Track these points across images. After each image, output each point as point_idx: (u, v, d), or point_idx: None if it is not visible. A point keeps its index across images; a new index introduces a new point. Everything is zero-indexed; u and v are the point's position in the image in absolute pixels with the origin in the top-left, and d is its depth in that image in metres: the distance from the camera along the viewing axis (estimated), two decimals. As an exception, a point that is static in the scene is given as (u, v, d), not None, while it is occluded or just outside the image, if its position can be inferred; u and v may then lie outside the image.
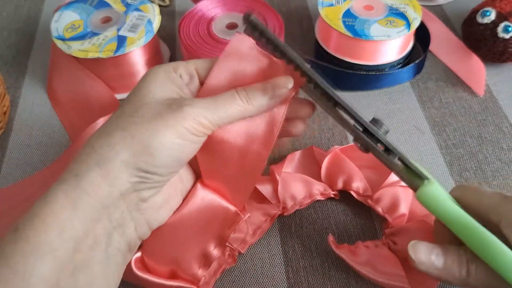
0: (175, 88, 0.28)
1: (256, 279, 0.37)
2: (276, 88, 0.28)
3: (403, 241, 0.36)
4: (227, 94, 0.28)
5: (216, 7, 0.49)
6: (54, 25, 0.48)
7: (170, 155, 0.26)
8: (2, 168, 0.44)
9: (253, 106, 0.28)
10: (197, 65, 0.29)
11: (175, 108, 0.26)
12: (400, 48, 0.49)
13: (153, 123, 0.25)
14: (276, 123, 0.29)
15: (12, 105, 0.50)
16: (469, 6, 0.56)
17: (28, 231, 0.23)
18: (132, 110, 0.27)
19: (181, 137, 0.26)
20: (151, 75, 0.28)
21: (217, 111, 0.27)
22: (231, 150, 0.29)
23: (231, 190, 0.31)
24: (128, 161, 0.25)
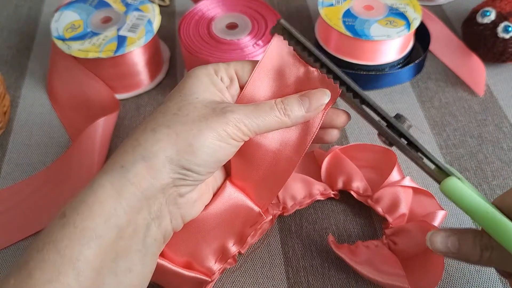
0: (217, 91, 0.29)
1: (256, 279, 0.37)
2: (313, 102, 0.29)
3: (403, 241, 0.36)
4: (266, 104, 0.29)
5: (216, 7, 0.49)
6: (54, 25, 0.48)
7: (211, 156, 0.27)
8: (2, 168, 0.44)
9: (289, 118, 0.29)
10: (237, 67, 0.30)
11: (219, 112, 0.27)
12: (400, 48, 0.49)
13: (198, 123, 0.27)
14: (310, 132, 0.30)
15: (12, 105, 0.50)
16: (469, 6, 0.56)
17: (76, 217, 0.25)
18: (176, 108, 0.28)
19: (222, 140, 0.27)
20: (194, 76, 0.29)
21: (256, 120, 0.28)
22: (265, 154, 0.30)
23: (258, 191, 0.32)
24: (172, 158, 0.26)
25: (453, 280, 0.37)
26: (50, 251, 0.24)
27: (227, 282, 0.37)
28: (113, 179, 0.26)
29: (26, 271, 0.24)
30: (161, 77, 0.52)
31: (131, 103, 0.50)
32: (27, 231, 0.40)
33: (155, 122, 0.27)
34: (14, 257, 0.38)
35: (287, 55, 0.30)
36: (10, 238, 0.39)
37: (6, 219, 0.40)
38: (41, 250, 0.24)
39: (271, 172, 0.31)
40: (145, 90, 0.51)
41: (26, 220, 0.40)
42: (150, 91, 0.51)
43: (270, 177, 0.31)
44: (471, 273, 0.37)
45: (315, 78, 0.30)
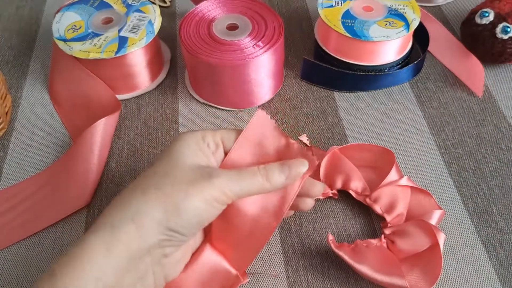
0: (203, 157, 0.30)
1: (256, 278, 0.37)
2: (292, 170, 0.31)
3: (402, 240, 0.36)
4: (249, 170, 0.30)
5: (217, 8, 0.49)
6: (56, 26, 0.48)
7: (196, 218, 0.28)
8: (3, 168, 0.45)
9: (270, 184, 0.30)
10: (223, 135, 0.32)
11: (205, 176, 0.28)
12: (399, 49, 0.49)
13: (185, 186, 0.28)
14: (288, 199, 0.31)
15: (14, 106, 0.50)
16: (467, 7, 0.57)
17: (66, 277, 0.25)
18: (165, 171, 0.29)
19: (207, 203, 0.28)
20: (182, 141, 0.30)
21: (239, 185, 0.29)
22: (244, 218, 0.31)
23: (236, 254, 0.33)
24: (161, 219, 0.27)
25: (451, 279, 0.37)
26: None
27: (227, 281, 0.37)
28: (103, 238, 0.26)
29: None
30: (162, 77, 0.53)
31: (132, 104, 0.50)
32: (28, 230, 0.40)
33: (144, 183, 0.28)
34: (16, 256, 0.38)
35: (269, 127, 0.32)
36: (12, 238, 0.39)
37: (7, 219, 0.41)
38: None
39: (250, 236, 0.32)
40: (146, 90, 0.51)
41: (28, 220, 0.41)
42: (151, 91, 0.51)
43: (249, 241, 0.32)
44: (469, 272, 0.37)
45: (295, 150, 0.32)
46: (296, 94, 0.51)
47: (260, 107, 0.49)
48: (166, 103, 0.50)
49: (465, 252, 0.38)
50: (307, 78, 0.52)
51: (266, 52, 0.45)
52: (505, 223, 0.40)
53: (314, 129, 0.47)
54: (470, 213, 0.41)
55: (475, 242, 0.39)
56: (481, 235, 0.39)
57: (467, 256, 0.38)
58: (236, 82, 0.46)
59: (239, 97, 0.48)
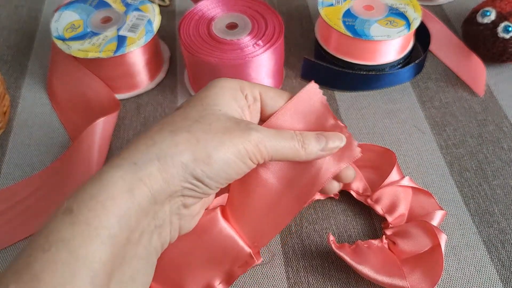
0: (238, 109, 0.28)
1: (256, 279, 0.37)
2: (329, 142, 0.29)
3: (403, 241, 0.36)
4: (287, 132, 0.28)
5: (216, 7, 0.49)
6: (54, 25, 0.48)
7: (225, 171, 0.26)
8: (2, 168, 0.44)
9: (305, 151, 0.28)
10: (261, 90, 0.30)
11: (243, 128, 0.26)
12: (400, 48, 0.49)
13: (220, 135, 0.26)
14: (319, 182, 0.29)
15: (12, 105, 0.50)
16: (469, 6, 0.56)
17: (87, 213, 0.22)
18: (198, 116, 0.26)
19: (239, 157, 0.26)
20: (219, 88, 0.28)
21: (276, 145, 0.27)
22: (268, 190, 0.29)
23: (252, 231, 0.31)
24: (188, 165, 0.25)
25: (452, 280, 0.37)
26: (60, 250, 0.21)
27: (227, 282, 0.37)
28: (125, 176, 0.24)
29: (29, 274, 0.21)
30: (161, 77, 0.52)
31: (131, 103, 0.50)
32: (27, 231, 0.40)
33: (174, 125, 0.26)
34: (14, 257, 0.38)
35: (318, 103, 0.30)
36: (10, 239, 0.39)
37: (6, 219, 0.40)
38: (48, 249, 0.21)
39: (270, 211, 0.29)
40: (145, 90, 0.51)
41: (26, 221, 0.40)
42: (150, 91, 0.51)
43: (268, 217, 0.30)
44: (471, 273, 0.37)
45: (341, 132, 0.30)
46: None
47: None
48: (165, 103, 0.50)
49: (466, 253, 0.38)
50: (308, 78, 0.52)
51: (266, 51, 0.44)
52: (507, 224, 0.40)
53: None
54: (471, 213, 0.40)
55: (476, 243, 0.39)
56: (483, 236, 0.39)
57: (469, 257, 0.38)
58: (236, 81, 0.46)
59: (239, 97, 0.48)
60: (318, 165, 0.29)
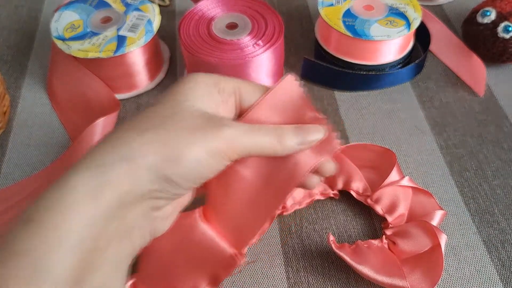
0: (212, 104, 0.27)
1: (256, 279, 0.37)
2: (307, 135, 0.28)
3: (403, 241, 0.36)
4: (262, 126, 0.27)
5: (216, 7, 0.49)
6: (54, 25, 0.48)
7: (197, 170, 0.25)
8: (1, 168, 0.44)
9: (281, 146, 0.27)
10: (238, 84, 0.29)
11: (215, 125, 0.25)
12: (400, 48, 0.49)
13: (190, 134, 0.24)
14: (297, 176, 0.28)
15: (12, 105, 0.50)
16: (469, 6, 0.56)
17: (50, 222, 0.21)
18: (170, 112, 0.25)
19: (212, 155, 0.25)
20: (193, 82, 0.27)
21: (250, 140, 0.26)
22: (247, 186, 0.28)
23: (233, 230, 0.30)
24: (156, 166, 0.23)
25: (452, 280, 0.37)
26: (22, 262, 0.20)
27: (227, 282, 0.37)
28: (88, 180, 0.22)
29: None
30: (161, 77, 0.52)
31: (131, 103, 0.50)
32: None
33: (142, 124, 0.25)
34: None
35: (296, 96, 0.29)
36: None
37: (6, 219, 0.40)
38: (9, 260, 0.20)
39: (249, 209, 0.28)
40: (145, 90, 0.51)
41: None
42: (150, 91, 0.51)
43: (248, 215, 0.29)
44: (471, 273, 0.37)
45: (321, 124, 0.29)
46: (296, 94, 0.50)
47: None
48: (165, 103, 0.50)
49: (466, 253, 0.38)
50: (308, 78, 0.52)
51: (266, 51, 0.44)
52: (507, 224, 0.40)
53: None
54: (471, 213, 0.40)
55: (476, 243, 0.38)
56: (483, 236, 0.39)
57: (469, 257, 0.38)
58: (236, 81, 0.46)
59: (239, 97, 0.48)
60: (296, 159, 0.28)
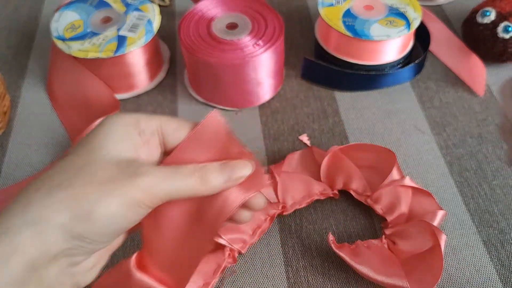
0: (132, 148, 0.26)
1: (256, 278, 0.37)
2: (234, 172, 0.27)
3: (403, 241, 0.36)
4: (184, 168, 0.26)
5: (216, 7, 0.49)
6: (54, 25, 0.48)
7: (112, 224, 0.24)
8: (2, 168, 0.45)
9: (206, 186, 0.26)
10: (161, 122, 0.27)
11: (129, 174, 0.24)
12: (400, 48, 0.49)
13: (102, 187, 0.23)
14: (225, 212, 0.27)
15: (12, 105, 0.50)
16: (469, 6, 0.56)
17: None
18: (80, 165, 0.24)
19: (127, 208, 0.24)
20: (108, 126, 0.26)
21: (169, 186, 0.25)
22: (175, 227, 0.27)
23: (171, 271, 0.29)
24: (66, 225, 0.23)
25: (452, 280, 0.37)
26: None
27: (227, 282, 0.37)
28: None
29: None
30: (161, 77, 0.52)
31: (131, 103, 0.50)
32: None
33: (53, 180, 0.24)
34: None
35: (223, 132, 0.28)
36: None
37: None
38: None
39: (183, 250, 0.28)
40: (145, 90, 0.51)
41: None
42: (150, 91, 0.51)
43: (183, 256, 0.28)
44: (470, 272, 0.37)
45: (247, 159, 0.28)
46: (296, 94, 0.50)
47: (260, 106, 0.49)
48: (165, 103, 0.50)
49: (466, 253, 0.38)
50: (308, 78, 0.52)
51: (266, 51, 0.44)
52: (506, 223, 0.40)
53: (314, 129, 0.47)
54: (471, 213, 0.40)
55: (476, 243, 0.39)
56: (483, 236, 0.39)
57: (469, 257, 0.38)
58: (236, 81, 0.46)
59: (239, 97, 0.48)
60: (224, 195, 0.27)
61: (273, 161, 0.44)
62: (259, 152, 0.45)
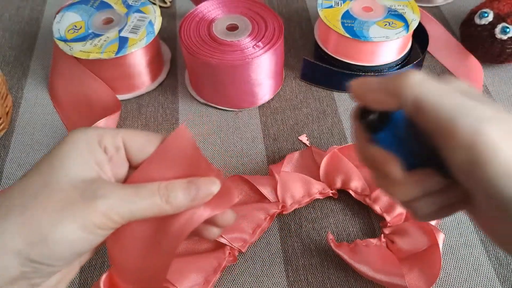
0: (94, 165, 0.25)
1: (256, 277, 0.37)
2: (200, 190, 0.26)
3: (401, 240, 0.37)
4: (147, 188, 0.25)
5: (217, 9, 0.49)
6: (56, 26, 0.48)
7: (69, 249, 0.23)
8: (4, 168, 0.45)
9: (171, 206, 0.25)
10: (126, 136, 0.26)
11: (88, 197, 0.23)
12: (398, 49, 0.50)
13: (59, 211, 0.23)
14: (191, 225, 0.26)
15: (14, 106, 0.50)
16: (467, 7, 0.57)
17: None
18: (40, 186, 0.24)
19: (86, 231, 0.23)
20: (71, 144, 0.25)
21: (131, 207, 0.24)
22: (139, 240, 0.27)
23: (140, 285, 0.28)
24: (21, 251, 0.22)
25: (450, 279, 0.37)
26: None
27: (227, 280, 0.37)
28: None
29: None
30: (162, 77, 0.53)
31: (132, 104, 0.50)
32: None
33: (9, 203, 0.24)
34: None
35: (190, 146, 0.27)
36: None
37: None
38: None
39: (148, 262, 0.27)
40: (147, 90, 0.51)
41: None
42: (152, 91, 0.52)
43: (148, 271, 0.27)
44: (468, 271, 0.37)
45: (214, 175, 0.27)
46: (296, 94, 0.51)
47: (260, 107, 0.50)
48: (166, 103, 0.50)
49: (464, 252, 0.38)
50: (307, 79, 0.52)
51: (266, 53, 0.45)
52: (504, 223, 0.40)
53: (313, 129, 0.47)
54: (469, 212, 0.41)
55: (474, 242, 0.39)
56: (480, 235, 0.39)
57: (467, 256, 0.38)
58: (236, 82, 0.46)
59: (239, 97, 0.48)
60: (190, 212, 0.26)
61: (273, 161, 0.45)
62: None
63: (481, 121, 0.20)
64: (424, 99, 0.21)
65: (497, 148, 0.19)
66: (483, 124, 0.20)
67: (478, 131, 0.20)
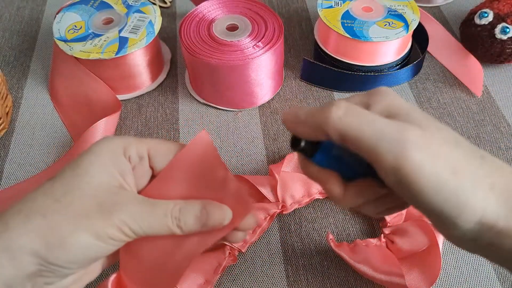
0: (117, 175, 0.26)
1: (255, 277, 0.37)
2: (211, 219, 0.27)
3: (401, 240, 0.37)
4: (161, 209, 0.26)
5: (217, 9, 0.49)
6: (56, 26, 0.48)
7: (84, 255, 0.25)
8: (4, 168, 0.45)
9: (181, 230, 0.26)
10: (150, 146, 0.27)
11: (105, 210, 0.25)
12: (398, 49, 0.50)
13: (77, 219, 0.24)
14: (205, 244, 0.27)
15: (15, 106, 0.50)
16: (467, 7, 0.57)
17: None
18: (63, 191, 0.25)
19: (101, 240, 0.25)
20: (96, 153, 0.26)
21: (144, 225, 0.26)
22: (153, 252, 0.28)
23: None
24: (40, 252, 0.24)
25: (450, 278, 0.37)
26: None
27: (227, 280, 0.37)
28: None
29: None
30: (162, 78, 0.53)
31: (132, 104, 0.51)
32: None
33: (33, 205, 0.25)
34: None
35: (211, 153, 0.27)
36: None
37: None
38: None
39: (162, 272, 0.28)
40: (147, 90, 0.51)
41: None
42: (151, 91, 0.52)
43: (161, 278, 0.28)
44: (468, 271, 0.37)
45: (231, 188, 0.27)
46: (296, 95, 0.51)
47: (260, 107, 0.50)
48: (166, 103, 0.50)
49: (464, 252, 0.38)
50: (307, 79, 0.52)
51: (266, 53, 0.45)
52: (504, 223, 0.40)
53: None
54: (469, 212, 0.41)
55: (474, 242, 0.39)
56: (480, 235, 0.39)
57: (466, 256, 0.38)
58: (236, 82, 0.46)
59: (239, 97, 0.48)
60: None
61: (273, 161, 0.45)
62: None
63: (403, 146, 0.22)
64: (347, 133, 0.23)
65: (419, 168, 0.22)
66: (405, 148, 0.22)
67: (400, 155, 0.22)
